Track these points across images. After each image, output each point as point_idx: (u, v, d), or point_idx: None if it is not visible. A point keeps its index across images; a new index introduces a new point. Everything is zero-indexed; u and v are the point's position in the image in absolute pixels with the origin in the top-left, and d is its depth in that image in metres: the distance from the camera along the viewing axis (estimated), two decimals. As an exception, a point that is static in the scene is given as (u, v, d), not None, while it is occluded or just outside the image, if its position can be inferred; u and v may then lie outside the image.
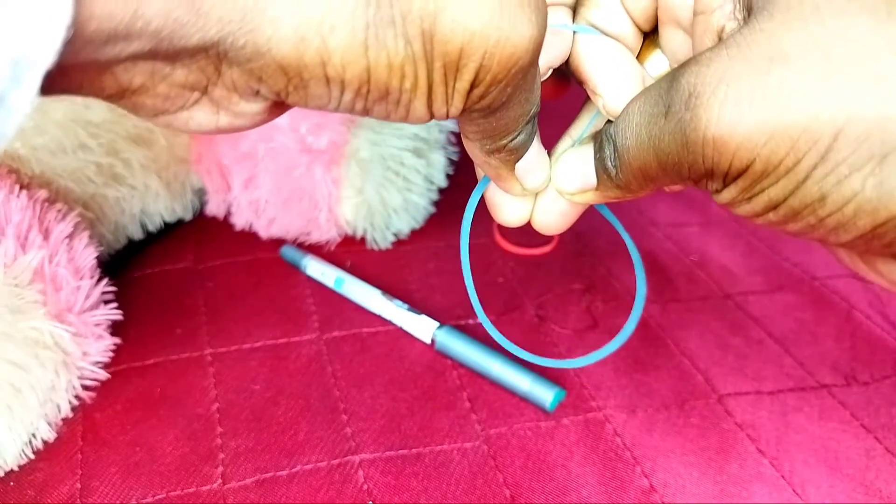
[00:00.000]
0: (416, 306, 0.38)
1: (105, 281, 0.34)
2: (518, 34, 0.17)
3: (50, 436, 0.30)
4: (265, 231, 0.44)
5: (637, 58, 0.24)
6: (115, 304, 0.34)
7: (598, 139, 0.23)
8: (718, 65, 0.18)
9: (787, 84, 0.17)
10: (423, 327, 0.36)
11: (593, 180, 0.23)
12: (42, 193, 0.33)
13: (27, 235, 0.31)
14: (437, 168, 0.43)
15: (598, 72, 0.23)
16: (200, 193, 0.45)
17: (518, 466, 0.30)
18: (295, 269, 0.42)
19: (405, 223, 0.44)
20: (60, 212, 0.34)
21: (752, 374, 0.35)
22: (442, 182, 0.44)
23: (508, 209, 0.25)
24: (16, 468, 0.29)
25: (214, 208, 0.45)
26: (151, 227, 0.43)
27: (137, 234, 0.42)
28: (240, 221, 0.44)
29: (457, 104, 0.19)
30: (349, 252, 0.43)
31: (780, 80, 0.17)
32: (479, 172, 0.25)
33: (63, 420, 0.31)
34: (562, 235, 0.44)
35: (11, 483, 0.29)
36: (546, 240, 0.44)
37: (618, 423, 0.32)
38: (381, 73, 0.17)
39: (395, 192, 0.42)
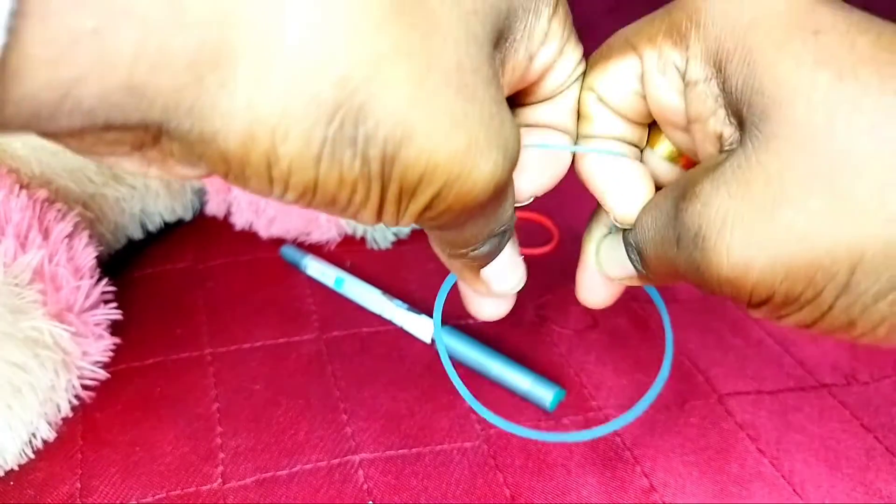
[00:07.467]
0: (416, 306, 0.38)
1: (105, 281, 0.34)
2: (479, 173, 0.17)
3: (50, 435, 0.30)
4: (265, 231, 0.44)
5: (648, 143, 0.24)
6: (115, 304, 0.34)
7: (624, 238, 0.23)
8: (720, 206, 0.18)
9: (795, 225, 0.17)
10: (423, 327, 0.36)
11: (633, 270, 0.23)
12: (42, 193, 0.33)
13: (27, 235, 0.31)
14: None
15: (602, 185, 0.23)
16: (200, 193, 0.45)
17: (518, 466, 0.30)
18: (295, 269, 0.42)
19: (405, 223, 0.44)
20: (60, 211, 0.34)
21: (752, 374, 0.35)
22: (442, 182, 0.44)
23: (479, 306, 0.25)
24: (16, 468, 0.29)
25: (214, 208, 0.45)
26: (151, 227, 0.43)
27: (137, 234, 0.42)
28: (240, 221, 0.44)
29: (406, 221, 0.18)
30: (349, 252, 0.43)
31: (787, 222, 0.17)
32: None
33: (63, 420, 0.31)
34: (561, 235, 0.44)
35: (11, 483, 0.29)
36: (546, 239, 0.44)
37: (618, 423, 0.32)
38: (330, 186, 0.16)
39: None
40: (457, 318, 0.38)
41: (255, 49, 0.14)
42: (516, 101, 0.23)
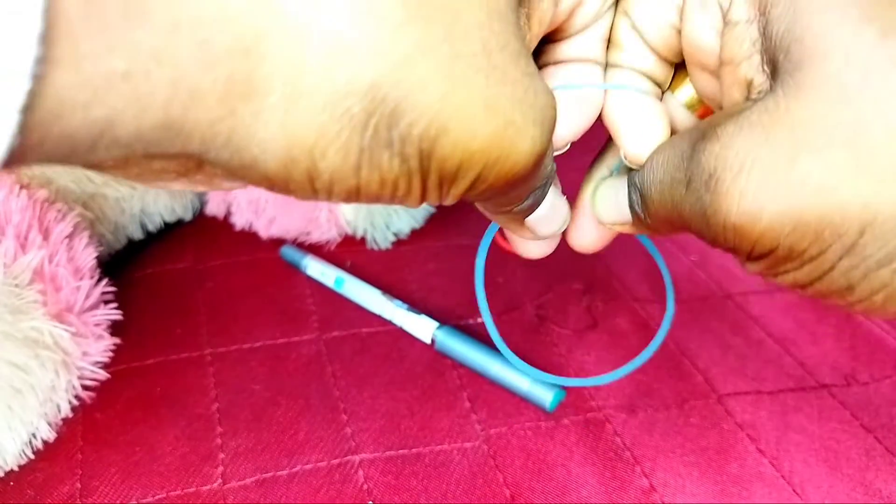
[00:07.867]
0: (416, 306, 0.38)
1: (105, 281, 0.34)
2: (519, 152, 0.17)
3: (50, 436, 0.30)
4: (265, 231, 0.44)
5: (669, 87, 0.24)
6: (115, 304, 0.34)
7: (630, 179, 0.22)
8: (740, 147, 0.17)
9: (813, 175, 0.16)
10: (423, 327, 0.36)
11: (629, 216, 0.23)
12: (42, 193, 0.33)
13: (27, 235, 0.31)
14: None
15: (619, 120, 0.22)
16: (200, 193, 0.45)
17: (518, 466, 0.30)
18: (295, 269, 0.42)
19: (405, 223, 0.44)
20: (60, 212, 0.34)
21: (752, 374, 0.35)
22: (442, 182, 0.44)
23: (525, 248, 0.25)
24: (16, 468, 0.29)
25: (214, 208, 0.45)
26: (151, 227, 0.43)
27: (137, 234, 0.42)
28: (240, 221, 0.44)
29: (451, 200, 0.18)
30: (349, 252, 0.43)
31: (805, 171, 0.16)
32: None
33: (63, 420, 0.31)
34: (563, 235, 0.44)
35: (11, 483, 0.29)
36: (546, 240, 0.44)
37: (618, 423, 0.32)
38: (373, 187, 0.16)
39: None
40: (457, 319, 0.38)
41: (283, 76, 0.14)
42: (545, 38, 0.22)
